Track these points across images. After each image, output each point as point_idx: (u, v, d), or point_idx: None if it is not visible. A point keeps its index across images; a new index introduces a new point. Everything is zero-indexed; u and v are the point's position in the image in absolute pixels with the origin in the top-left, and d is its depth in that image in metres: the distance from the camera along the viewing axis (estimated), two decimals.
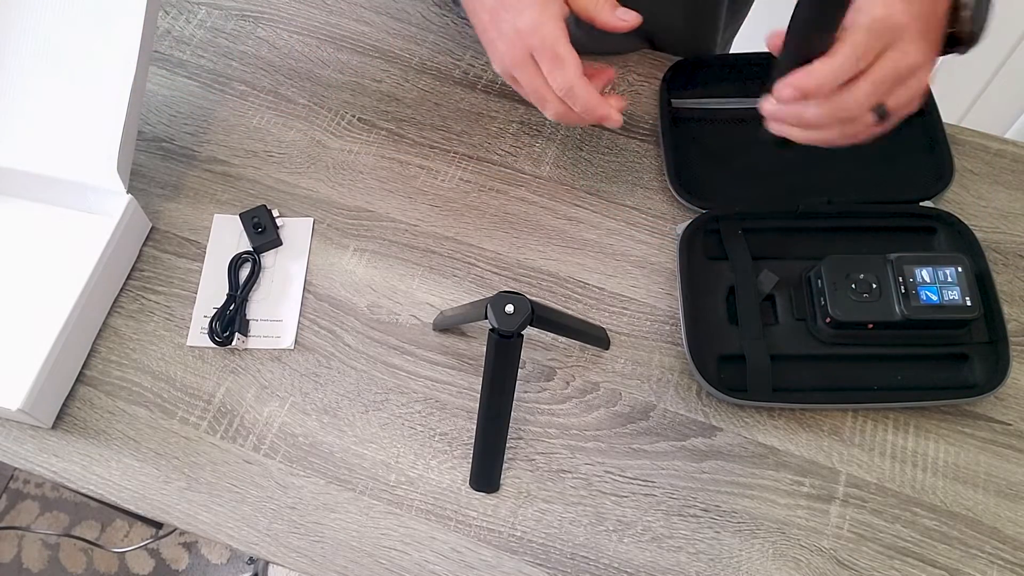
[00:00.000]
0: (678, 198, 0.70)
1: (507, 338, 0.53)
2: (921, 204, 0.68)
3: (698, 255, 0.66)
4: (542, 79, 0.56)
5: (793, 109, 0.51)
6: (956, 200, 0.71)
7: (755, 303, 0.63)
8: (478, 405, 0.57)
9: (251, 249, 0.68)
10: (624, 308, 0.66)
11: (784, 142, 0.54)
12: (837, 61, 0.48)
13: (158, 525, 1.42)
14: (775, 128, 0.54)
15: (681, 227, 0.68)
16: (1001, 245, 0.69)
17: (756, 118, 0.73)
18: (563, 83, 0.55)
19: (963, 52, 0.54)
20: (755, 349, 0.61)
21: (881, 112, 0.50)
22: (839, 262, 0.61)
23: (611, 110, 0.56)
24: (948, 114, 0.74)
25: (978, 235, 0.67)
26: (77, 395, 0.63)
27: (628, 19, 0.57)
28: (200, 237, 0.69)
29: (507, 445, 0.59)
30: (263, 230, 0.67)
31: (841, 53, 0.48)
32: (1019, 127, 1.30)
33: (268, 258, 0.68)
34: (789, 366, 0.62)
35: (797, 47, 0.50)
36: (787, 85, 0.50)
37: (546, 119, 0.75)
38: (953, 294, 0.60)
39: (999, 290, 0.65)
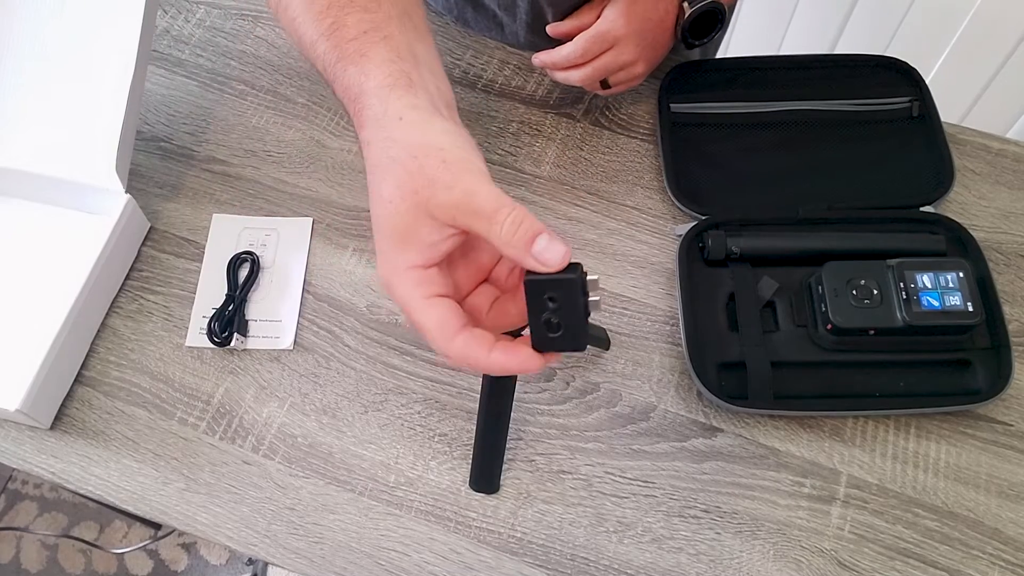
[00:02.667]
0: (678, 204, 0.69)
1: None
2: (921, 209, 0.68)
3: (698, 262, 0.66)
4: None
5: (553, 73, 0.71)
6: (957, 200, 0.70)
7: (755, 310, 0.63)
8: (478, 406, 0.57)
9: (250, 249, 0.67)
10: (624, 308, 0.66)
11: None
12: (564, 52, 0.67)
13: (157, 526, 1.42)
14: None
15: (680, 228, 0.68)
16: (1003, 245, 0.68)
17: (756, 123, 0.73)
18: (438, 352, 0.42)
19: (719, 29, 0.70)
20: (756, 356, 0.61)
21: (604, 84, 0.70)
22: (839, 268, 0.61)
23: (513, 364, 0.41)
24: (949, 114, 0.74)
25: (979, 235, 0.67)
26: (76, 395, 0.63)
27: (549, 259, 0.40)
28: (199, 237, 0.69)
29: (507, 446, 0.59)
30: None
31: (568, 47, 0.67)
32: (1020, 127, 1.29)
33: (267, 258, 0.68)
34: (790, 373, 0.61)
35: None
36: (536, 57, 0.69)
37: (547, 119, 0.75)
38: (955, 299, 0.59)
39: (1001, 290, 0.64)
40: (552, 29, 0.70)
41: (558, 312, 0.40)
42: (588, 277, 0.41)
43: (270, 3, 0.54)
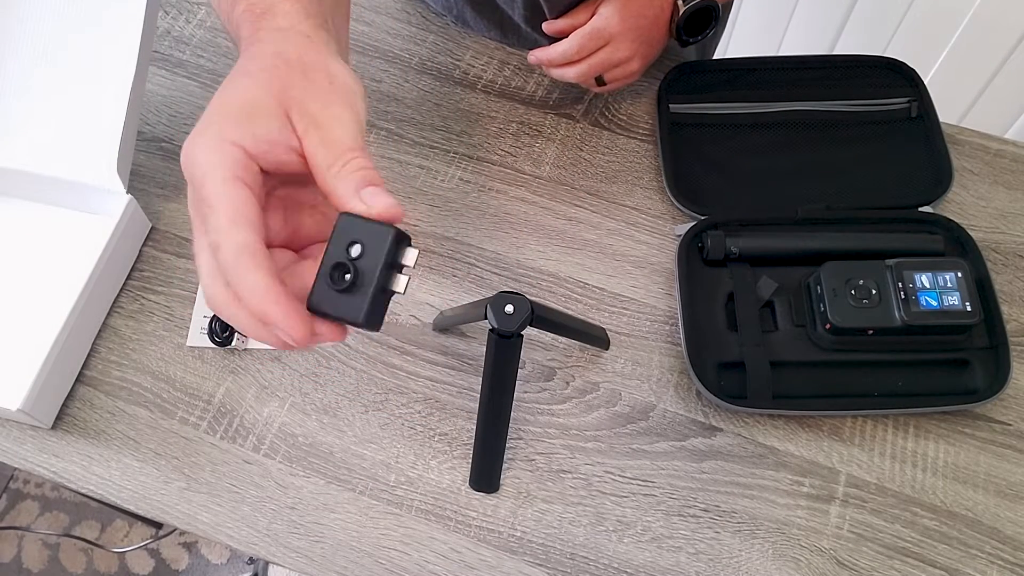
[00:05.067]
0: (677, 205, 0.70)
1: (507, 338, 0.53)
2: (920, 209, 0.68)
3: (697, 261, 0.66)
4: (197, 222, 0.36)
5: (549, 70, 0.71)
6: (956, 200, 0.71)
7: (754, 310, 0.63)
8: (478, 405, 0.57)
9: None
10: (624, 308, 0.66)
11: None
12: (560, 49, 0.68)
13: (158, 525, 1.42)
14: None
15: (680, 228, 0.68)
16: (1001, 245, 0.69)
17: (755, 123, 0.74)
18: (215, 242, 0.34)
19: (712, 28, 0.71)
20: (755, 356, 0.61)
21: (600, 81, 0.71)
22: (838, 268, 0.61)
23: (278, 305, 0.33)
24: (948, 114, 0.74)
25: (978, 235, 0.67)
26: (77, 395, 0.63)
27: (377, 203, 0.36)
28: None
29: (507, 445, 0.59)
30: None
31: (564, 43, 0.68)
32: (1019, 127, 1.30)
33: None
34: (789, 373, 0.62)
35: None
36: (532, 54, 0.71)
37: (547, 119, 0.75)
38: (953, 299, 0.59)
39: (999, 290, 0.65)
40: (548, 27, 0.71)
41: (356, 261, 0.34)
42: (409, 248, 0.35)
43: None
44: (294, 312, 0.34)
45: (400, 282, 0.36)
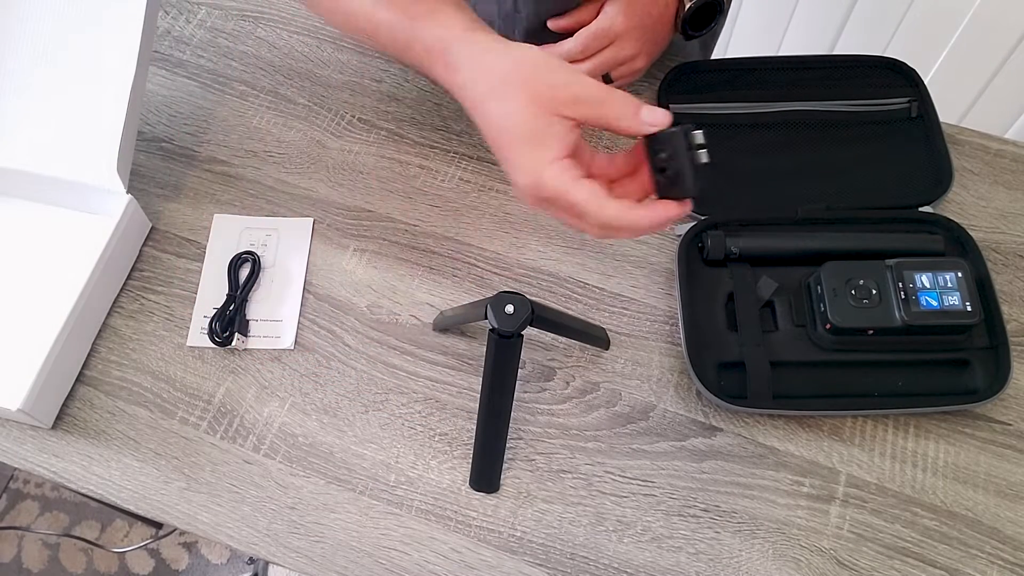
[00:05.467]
0: None
1: (507, 338, 0.53)
2: (920, 209, 0.68)
3: (697, 262, 0.66)
4: (572, 217, 0.49)
5: None
6: (956, 200, 0.71)
7: (754, 310, 0.63)
8: (478, 405, 0.57)
9: (251, 249, 0.68)
10: (624, 308, 0.66)
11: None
12: (565, 48, 0.69)
13: (158, 525, 1.42)
14: None
15: (680, 228, 0.68)
16: (1001, 245, 0.69)
17: (755, 123, 0.74)
18: (596, 233, 0.49)
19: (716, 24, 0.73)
20: (755, 356, 0.61)
21: (607, 79, 0.71)
22: (838, 268, 0.61)
23: (659, 217, 0.47)
24: (948, 114, 0.74)
25: (978, 235, 0.67)
26: (77, 395, 0.63)
27: (655, 120, 0.47)
28: (200, 237, 0.69)
29: (507, 445, 0.59)
30: None
31: (569, 43, 0.69)
32: (1019, 127, 1.30)
33: (268, 258, 0.68)
34: (789, 373, 0.62)
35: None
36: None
37: None
38: (953, 299, 0.59)
39: (999, 290, 0.65)
40: (553, 23, 0.71)
41: (669, 162, 0.47)
42: (694, 131, 0.46)
43: None
44: (666, 211, 0.47)
45: (702, 155, 0.46)
